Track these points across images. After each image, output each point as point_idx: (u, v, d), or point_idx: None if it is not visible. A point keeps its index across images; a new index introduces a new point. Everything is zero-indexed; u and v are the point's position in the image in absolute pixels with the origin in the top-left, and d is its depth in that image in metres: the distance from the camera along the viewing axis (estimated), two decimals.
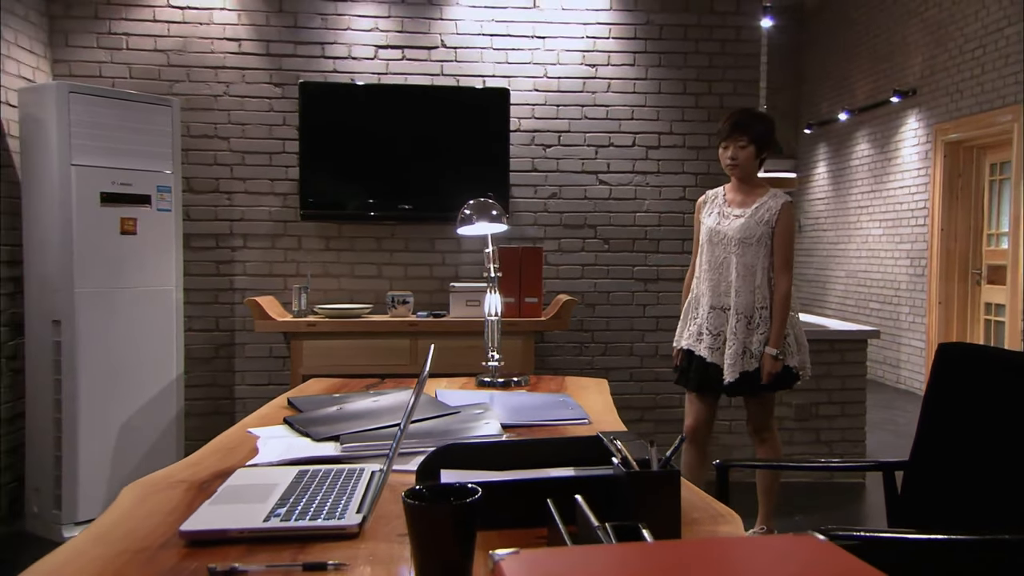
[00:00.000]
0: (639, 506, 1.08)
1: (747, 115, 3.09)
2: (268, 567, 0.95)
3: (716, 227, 3.11)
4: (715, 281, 3.10)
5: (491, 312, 2.40)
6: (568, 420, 1.80)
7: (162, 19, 4.01)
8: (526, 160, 4.19)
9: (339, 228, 4.11)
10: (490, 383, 2.30)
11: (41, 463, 3.45)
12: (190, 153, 4.01)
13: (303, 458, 1.44)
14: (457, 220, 2.39)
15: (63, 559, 0.98)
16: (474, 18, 4.14)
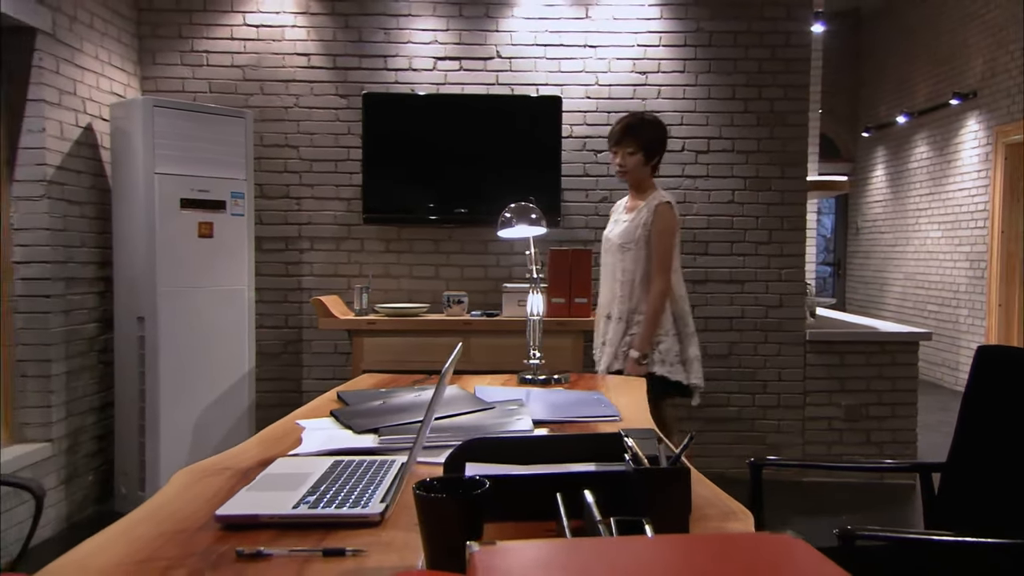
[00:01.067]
0: (648, 502, 1.07)
1: (636, 121, 2.94)
2: (291, 551, 0.98)
3: (607, 234, 3.03)
4: (605, 288, 3.03)
5: (533, 312, 2.40)
6: (599, 417, 1.79)
7: (239, 36, 4.13)
8: (577, 165, 4.18)
9: (399, 231, 4.17)
10: (531, 380, 2.31)
11: (127, 448, 3.60)
12: (262, 161, 4.12)
13: (341, 449, 1.47)
14: (498, 223, 2.40)
15: (111, 536, 1.03)
16: (528, 29, 4.14)
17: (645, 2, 4.14)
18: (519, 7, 4.14)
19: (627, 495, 1.12)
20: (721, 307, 4.22)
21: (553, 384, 2.28)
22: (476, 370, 2.80)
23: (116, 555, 0.96)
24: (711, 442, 4.24)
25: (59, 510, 3.42)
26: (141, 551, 0.97)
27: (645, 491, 1.07)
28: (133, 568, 0.91)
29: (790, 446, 4.25)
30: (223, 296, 3.72)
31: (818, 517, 3.70)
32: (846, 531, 1.64)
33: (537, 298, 2.42)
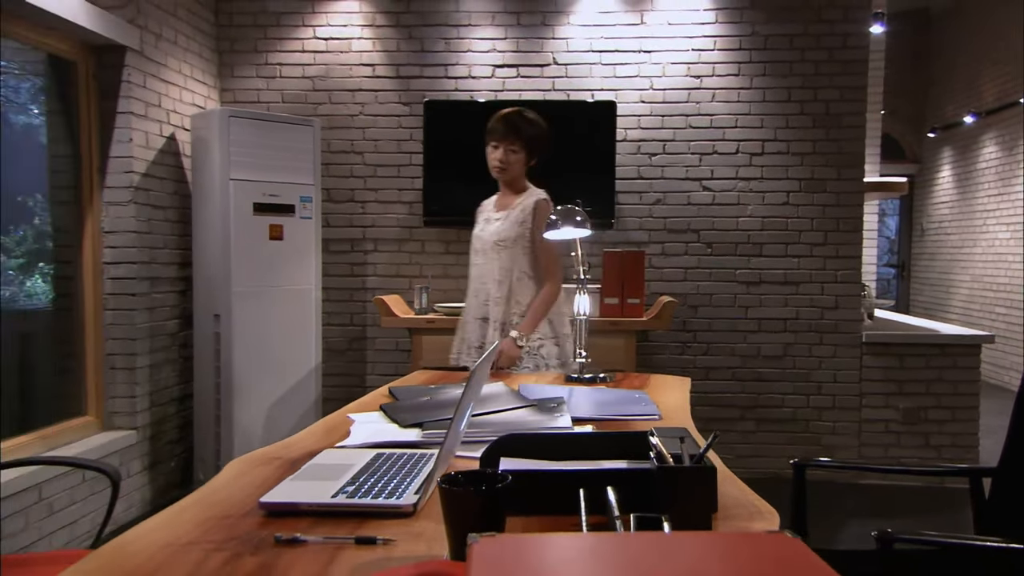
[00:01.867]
0: (670, 500, 1.06)
1: (522, 119, 2.69)
2: (326, 539, 1.01)
3: (479, 234, 2.80)
4: (476, 290, 2.78)
5: (579, 312, 2.40)
6: (638, 415, 1.78)
7: (309, 49, 4.24)
8: (632, 168, 4.15)
9: (458, 233, 4.21)
10: (576, 379, 2.31)
11: (205, 437, 3.74)
12: (330, 167, 4.22)
13: (385, 442, 1.50)
14: (544, 225, 2.41)
15: (163, 519, 1.08)
16: (584, 36, 4.14)
17: (700, 7, 4.08)
18: (575, 15, 4.14)
19: (651, 493, 1.12)
20: (775, 308, 4.13)
21: (598, 383, 2.28)
22: None
23: (166, 536, 1.01)
24: (765, 442, 4.15)
25: (143, 494, 3.58)
26: (189, 533, 1.02)
27: (667, 489, 1.07)
28: (180, 549, 0.96)
29: (846, 448, 4.13)
30: (292, 295, 3.82)
31: (870, 520, 3.59)
32: (884, 534, 1.60)
33: (584, 299, 2.42)
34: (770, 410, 4.15)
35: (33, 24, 3.07)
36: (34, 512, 2.90)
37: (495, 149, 2.68)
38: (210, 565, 0.91)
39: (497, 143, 2.67)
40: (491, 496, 0.93)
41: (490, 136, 2.69)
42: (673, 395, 2.09)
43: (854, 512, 3.71)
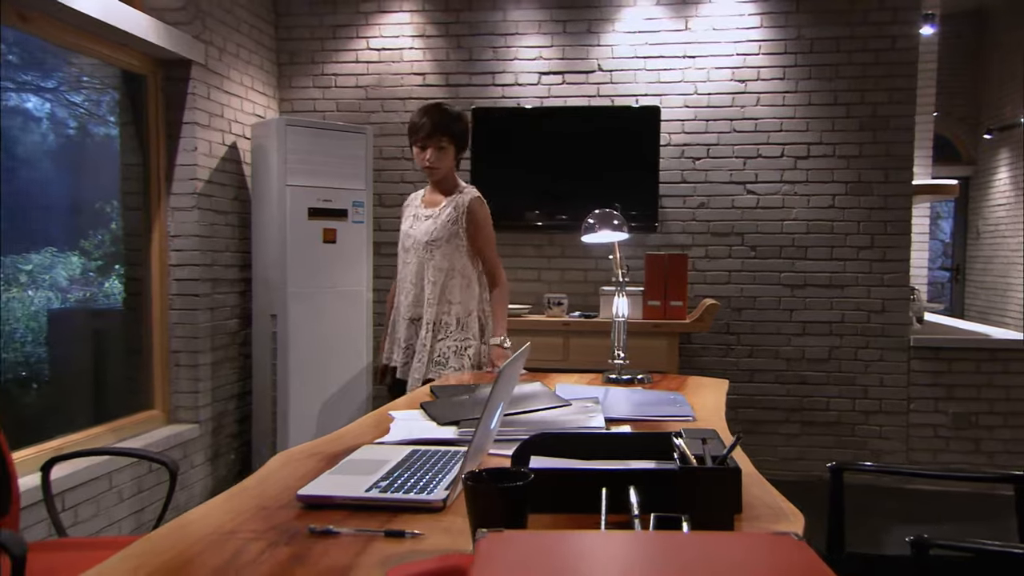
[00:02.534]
0: (691, 500, 1.06)
1: (447, 115, 2.57)
2: (357, 531, 1.03)
3: (408, 231, 2.68)
4: (408, 290, 2.67)
5: (618, 314, 2.39)
6: (672, 417, 1.77)
7: (363, 60, 4.32)
8: (675, 172, 4.11)
9: (503, 236, 4.23)
10: (614, 380, 2.30)
11: (263, 431, 3.84)
12: (381, 172, 4.29)
13: (422, 439, 1.53)
14: (582, 228, 2.41)
15: (211, 507, 1.12)
16: (628, 42, 4.12)
17: (745, 12, 4.03)
18: (620, 22, 4.12)
19: (673, 493, 1.11)
20: (820, 311, 4.05)
21: (636, 383, 2.27)
22: (572, 368, 2.82)
23: (210, 525, 1.05)
24: (810, 445, 4.07)
25: (205, 484, 3.69)
26: (230, 523, 1.06)
27: (688, 490, 1.07)
28: (219, 538, 1.00)
29: (893, 452, 4.02)
30: (344, 296, 3.90)
31: (916, 525, 3.48)
32: (920, 539, 1.56)
33: (622, 301, 2.41)
34: (815, 413, 4.07)
35: (110, 42, 3.20)
36: (105, 499, 3.02)
37: (422, 150, 2.56)
38: (246, 553, 0.95)
39: (424, 142, 2.54)
40: (512, 493, 0.95)
41: (416, 135, 2.56)
42: (709, 397, 2.08)
43: (900, 517, 3.61)
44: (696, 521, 1.04)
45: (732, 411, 4.11)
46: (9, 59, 4.87)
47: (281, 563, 0.92)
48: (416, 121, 2.56)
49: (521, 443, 1.34)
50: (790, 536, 0.69)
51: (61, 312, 3.37)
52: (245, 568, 0.90)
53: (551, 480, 1.10)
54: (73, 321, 3.48)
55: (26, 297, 3.24)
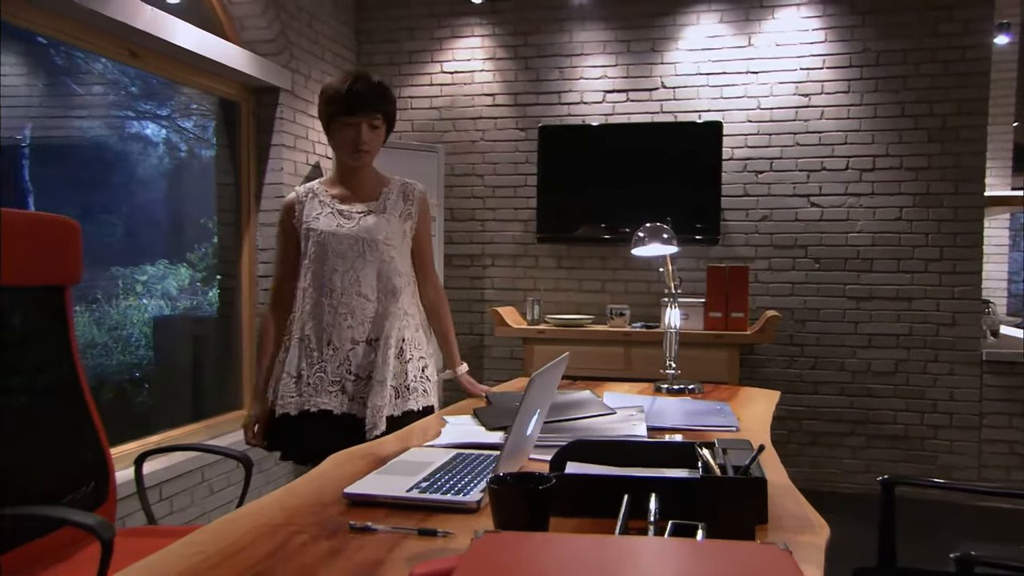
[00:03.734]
0: (710, 509, 1.06)
1: (381, 87, 2.02)
2: (393, 528, 1.08)
3: (335, 230, 2.00)
4: (354, 304, 2.00)
5: (670, 325, 2.39)
6: (715, 426, 1.76)
7: (436, 83, 4.44)
8: (738, 186, 4.05)
9: (569, 249, 4.26)
10: (665, 389, 2.30)
11: None
12: (453, 188, 4.39)
13: (469, 443, 1.57)
14: (632, 241, 2.42)
15: (266, 502, 1.19)
16: (691, 60, 4.08)
17: (809, 27, 3.93)
18: (683, 40, 4.09)
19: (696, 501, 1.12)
20: (887, 324, 3.90)
21: (686, 393, 2.26)
22: (633, 377, 2.81)
23: (264, 517, 1.12)
24: (877, 459, 3.92)
25: (288, 479, 3.85)
26: (281, 516, 1.12)
27: (707, 498, 1.07)
28: (269, 530, 1.06)
29: (964, 468, 3.82)
30: None
31: (982, 543, 3.30)
32: (966, 556, 1.51)
33: (675, 312, 2.40)
34: (881, 426, 3.91)
35: (208, 73, 3.40)
36: (198, 491, 3.19)
37: (349, 126, 1.96)
38: (290, 546, 1.01)
39: (354, 118, 1.95)
40: (533, 496, 0.98)
41: (346, 110, 1.94)
42: (757, 408, 2.05)
43: (967, 534, 3.43)
44: (716, 530, 1.05)
45: (796, 422, 4.01)
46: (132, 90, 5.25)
47: (320, 555, 0.97)
48: (340, 90, 1.95)
49: (558, 450, 1.37)
50: (775, 546, 0.70)
51: (166, 319, 3.59)
52: (287, 558, 0.96)
53: (576, 485, 1.13)
54: (176, 327, 3.70)
55: (141, 305, 3.47)
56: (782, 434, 4.00)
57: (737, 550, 0.70)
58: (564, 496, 1.11)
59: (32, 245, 1.74)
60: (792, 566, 0.65)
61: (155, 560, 0.94)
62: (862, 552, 2.02)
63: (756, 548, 0.69)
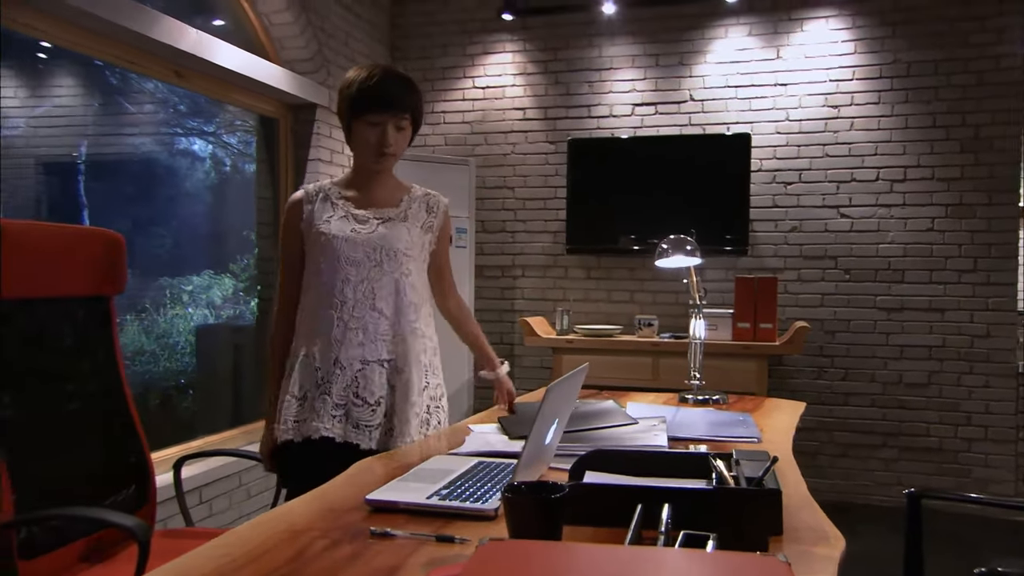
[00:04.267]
0: (722, 520, 1.06)
1: (408, 85, 1.77)
2: (412, 535, 1.10)
3: (350, 236, 1.75)
4: (369, 320, 1.74)
5: (695, 336, 2.37)
6: (737, 437, 1.74)
7: (468, 98, 4.48)
8: (767, 197, 4.01)
9: (598, 260, 4.26)
10: (690, 399, 2.28)
11: None
12: (484, 201, 4.42)
13: (491, 451, 1.58)
14: (656, 253, 2.41)
15: (289, 508, 1.21)
16: (720, 72, 4.06)
17: (838, 39, 3.89)
18: (712, 53, 4.08)
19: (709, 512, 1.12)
20: (919, 335, 3.81)
21: (711, 404, 2.24)
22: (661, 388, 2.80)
23: (289, 522, 1.14)
24: (909, 471, 3.83)
25: None
26: (305, 521, 1.15)
27: (721, 509, 1.07)
28: (293, 534, 1.09)
29: (1000, 482, 3.72)
30: None
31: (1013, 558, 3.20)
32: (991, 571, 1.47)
33: (700, 323, 2.39)
34: (914, 439, 3.82)
35: (249, 91, 3.48)
36: (236, 495, 3.25)
37: (374, 127, 1.72)
38: (311, 550, 1.03)
39: (380, 117, 1.72)
40: (546, 505, 0.98)
41: (372, 108, 1.71)
42: (781, 419, 2.02)
43: (998, 548, 3.33)
44: (728, 541, 1.04)
45: (827, 434, 3.94)
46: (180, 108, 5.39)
47: (339, 560, 0.99)
48: (366, 85, 1.71)
49: (577, 459, 1.38)
50: (775, 558, 0.69)
51: (208, 327, 3.68)
52: (308, 562, 0.99)
53: (590, 495, 1.13)
54: (217, 336, 3.79)
55: (186, 314, 3.56)
56: (813, 445, 3.93)
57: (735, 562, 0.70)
58: (579, 505, 1.12)
59: (80, 258, 1.81)
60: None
61: (184, 561, 0.97)
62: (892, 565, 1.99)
63: (755, 560, 0.69)
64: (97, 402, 1.85)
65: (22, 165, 5.24)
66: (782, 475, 1.45)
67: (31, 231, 1.72)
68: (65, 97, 5.31)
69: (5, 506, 1.56)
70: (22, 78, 5.33)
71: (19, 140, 5.51)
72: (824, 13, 3.90)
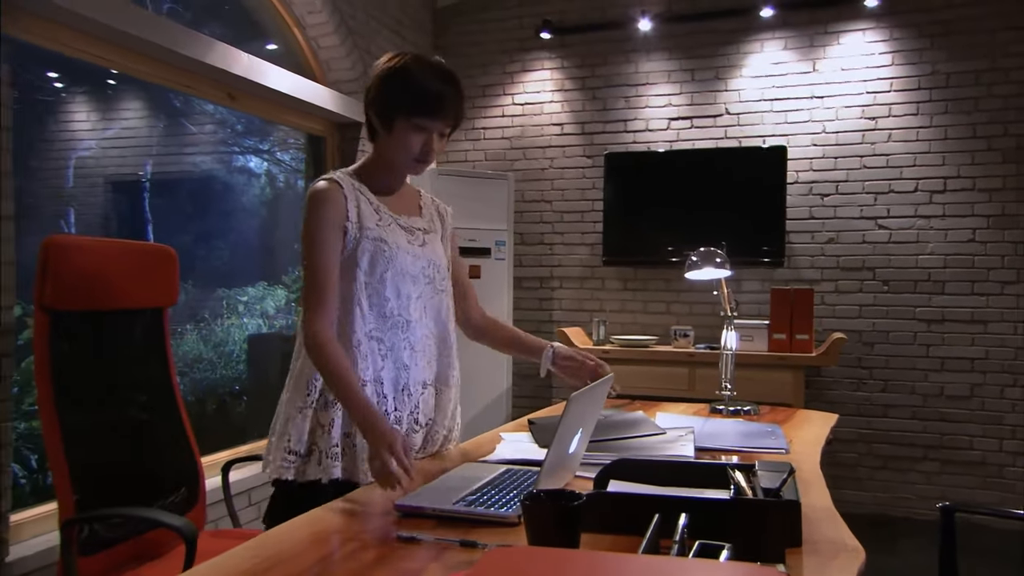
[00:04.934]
0: (739, 530, 1.06)
1: (460, 90, 1.54)
2: (437, 539, 1.12)
3: (408, 248, 1.57)
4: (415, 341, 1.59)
5: (726, 347, 2.35)
6: (763, 448, 1.72)
7: (508, 114, 4.52)
8: (803, 209, 3.94)
9: (634, 272, 4.24)
10: (720, 410, 2.26)
11: None
12: (523, 214, 4.45)
13: (519, 459, 1.59)
14: (686, 265, 2.40)
15: (321, 513, 1.24)
16: (755, 87, 4.02)
17: (875, 51, 3.82)
18: (747, 68, 4.04)
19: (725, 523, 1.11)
20: (960, 347, 3.70)
21: (741, 415, 2.22)
22: (695, 398, 2.78)
23: (319, 526, 1.17)
24: (952, 485, 3.71)
25: None
26: (337, 524, 1.18)
27: (738, 520, 1.07)
28: (324, 538, 1.12)
29: None
30: None
31: None
32: None
33: (731, 335, 2.37)
34: (957, 452, 3.71)
35: (298, 112, 3.58)
36: None
37: (421, 131, 1.50)
38: (340, 553, 1.06)
39: (433, 123, 1.50)
40: (563, 513, 1.00)
41: (427, 112, 1.49)
42: (811, 430, 1.99)
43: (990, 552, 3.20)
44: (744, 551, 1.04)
45: (866, 445, 3.84)
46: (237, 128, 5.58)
47: (366, 563, 1.02)
48: (424, 86, 1.48)
49: (602, 468, 1.38)
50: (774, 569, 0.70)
51: (259, 336, 3.78)
52: (336, 564, 1.02)
53: (609, 504, 1.14)
54: (268, 344, 3.89)
55: (242, 324, 3.68)
56: (851, 457, 3.84)
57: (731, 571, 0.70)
58: (598, 514, 1.12)
59: (138, 272, 1.89)
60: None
61: (219, 561, 1.01)
62: None
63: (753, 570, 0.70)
64: (152, 408, 1.92)
65: (93, 184, 5.48)
66: (806, 487, 1.43)
67: (95, 247, 1.80)
68: (132, 120, 5.54)
69: (67, 505, 1.64)
70: (93, 103, 5.59)
71: (90, 160, 5.77)
72: (861, 26, 3.83)
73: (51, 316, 1.64)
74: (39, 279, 1.63)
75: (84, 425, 1.71)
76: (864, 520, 3.71)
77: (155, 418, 1.93)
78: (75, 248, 1.71)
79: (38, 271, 1.63)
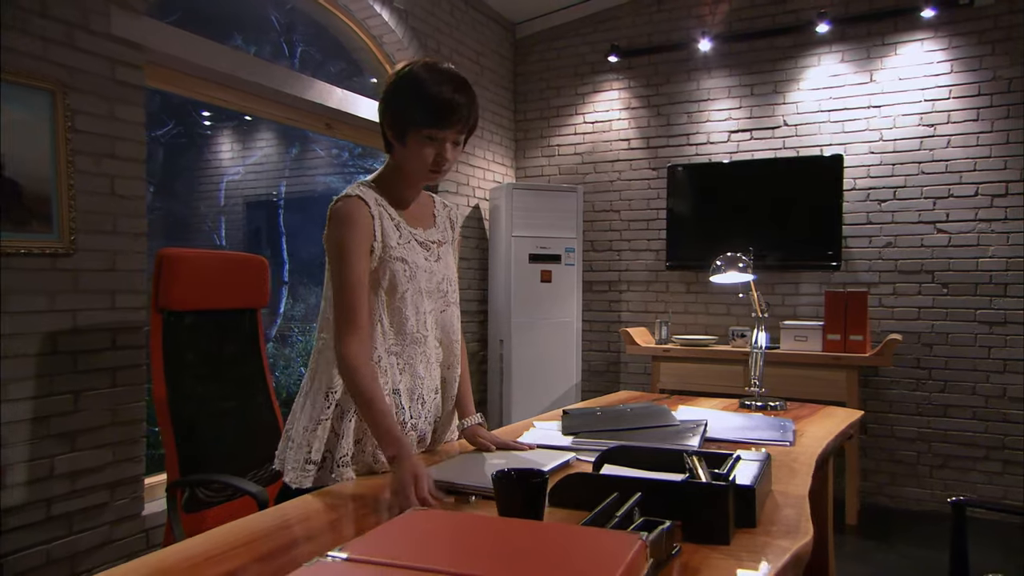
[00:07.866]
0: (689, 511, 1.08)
1: (473, 96, 1.45)
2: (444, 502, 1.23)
3: (425, 265, 1.53)
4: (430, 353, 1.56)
5: (756, 345, 2.33)
6: (769, 441, 1.72)
7: (580, 132, 4.58)
8: (860, 215, 3.77)
9: (697, 276, 4.19)
10: (749, 405, 2.25)
11: None
12: (593, 223, 4.49)
13: (542, 444, 1.68)
14: (710, 269, 2.38)
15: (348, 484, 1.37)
16: (813, 98, 3.89)
17: (933, 60, 3.60)
18: (805, 81, 3.91)
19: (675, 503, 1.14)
20: (1022, 349, 3.43)
21: (767, 410, 2.19)
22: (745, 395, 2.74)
23: (348, 494, 1.31)
24: (1016, 485, 3.44)
25: None
26: (361, 492, 1.31)
27: (688, 501, 1.10)
28: (343, 501, 1.25)
29: None
30: (557, 327, 4.14)
31: None
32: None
33: (762, 334, 2.34)
34: (1019, 452, 3.44)
35: (356, 127, 3.65)
36: None
37: (434, 141, 1.42)
38: (357, 513, 1.18)
39: (443, 132, 1.41)
40: (527, 488, 1.07)
41: (436, 122, 1.40)
42: (825, 425, 1.95)
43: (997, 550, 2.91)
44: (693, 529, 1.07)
45: (925, 444, 3.63)
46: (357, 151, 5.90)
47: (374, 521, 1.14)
48: (432, 95, 1.39)
49: (600, 453, 1.44)
50: (635, 536, 0.74)
51: None
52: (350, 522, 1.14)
53: (576, 482, 1.20)
54: None
55: None
56: (911, 456, 3.64)
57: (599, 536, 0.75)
58: (571, 492, 1.19)
59: (235, 278, 2.11)
60: (629, 552, 0.69)
61: (252, 518, 1.15)
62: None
63: (617, 536, 0.75)
64: (247, 394, 2.14)
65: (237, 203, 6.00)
66: (792, 475, 1.43)
67: (199, 258, 2.04)
68: (266, 148, 6.01)
69: (174, 472, 1.87)
70: (235, 137, 6.11)
71: (233, 184, 6.29)
72: (919, 36, 3.63)
73: (164, 315, 1.87)
74: (154, 285, 1.87)
75: (190, 407, 1.94)
76: (926, 517, 3.51)
77: (250, 403, 2.14)
78: (182, 259, 1.94)
79: (154, 278, 1.87)
